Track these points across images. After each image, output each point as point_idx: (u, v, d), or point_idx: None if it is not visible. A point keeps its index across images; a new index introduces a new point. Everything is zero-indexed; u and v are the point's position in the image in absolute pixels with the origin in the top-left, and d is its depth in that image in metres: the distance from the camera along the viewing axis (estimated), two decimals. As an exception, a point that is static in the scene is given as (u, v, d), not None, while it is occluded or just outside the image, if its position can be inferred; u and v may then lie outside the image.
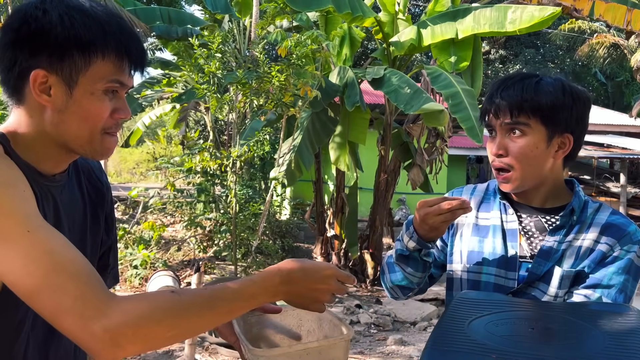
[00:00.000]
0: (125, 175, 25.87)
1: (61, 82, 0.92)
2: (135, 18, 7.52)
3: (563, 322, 1.13)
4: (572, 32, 18.61)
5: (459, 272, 1.44)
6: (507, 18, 5.77)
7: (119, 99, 0.97)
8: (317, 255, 7.87)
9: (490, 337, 1.07)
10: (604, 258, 1.29)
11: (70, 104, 0.93)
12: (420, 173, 7.26)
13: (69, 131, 0.95)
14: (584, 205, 1.36)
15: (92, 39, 0.92)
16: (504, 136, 1.31)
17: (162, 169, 10.64)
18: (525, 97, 1.27)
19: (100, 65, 0.93)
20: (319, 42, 5.73)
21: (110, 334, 0.79)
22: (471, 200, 1.47)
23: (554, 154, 1.31)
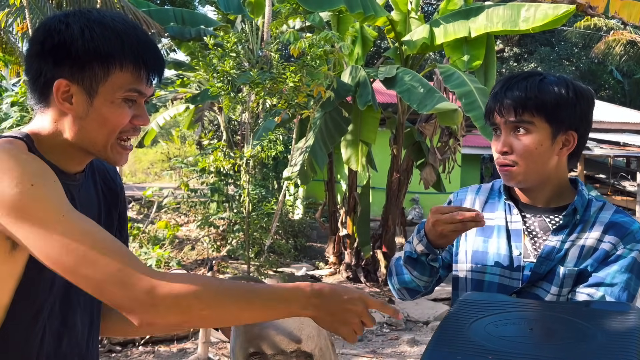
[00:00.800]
0: (140, 175, 26.08)
1: (82, 91, 0.99)
2: (149, 19, 7.59)
3: (562, 322, 1.14)
4: (588, 29, 18.37)
5: (464, 272, 1.45)
6: (521, 16, 5.72)
7: (138, 106, 1.03)
8: (330, 254, 7.88)
9: (489, 338, 1.09)
10: (607, 257, 1.29)
11: (91, 112, 1.00)
12: (433, 172, 7.23)
13: (88, 137, 1.01)
14: (588, 204, 1.36)
15: (110, 51, 0.98)
16: (508, 134, 1.32)
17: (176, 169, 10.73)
18: (529, 95, 1.28)
19: (118, 75, 0.99)
20: (332, 43, 5.74)
21: (152, 299, 0.87)
22: (476, 200, 1.49)
23: (558, 152, 1.32)
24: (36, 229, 0.88)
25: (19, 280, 0.96)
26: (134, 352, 4.65)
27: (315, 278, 7.38)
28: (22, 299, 0.97)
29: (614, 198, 10.82)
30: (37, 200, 0.89)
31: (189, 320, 0.92)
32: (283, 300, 0.95)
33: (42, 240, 0.88)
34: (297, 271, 7.29)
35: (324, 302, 0.96)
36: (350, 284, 7.25)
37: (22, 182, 0.88)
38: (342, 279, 7.45)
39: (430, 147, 7.29)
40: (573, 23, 18.51)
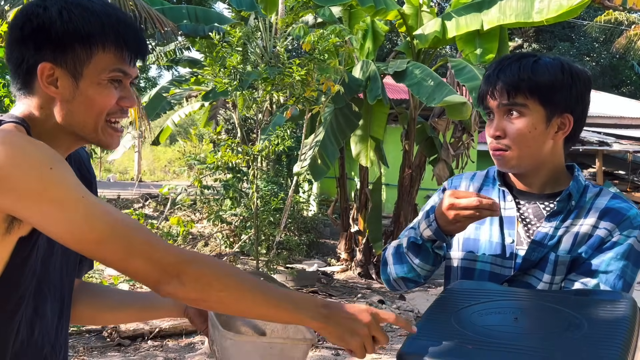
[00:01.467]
0: (159, 173, 26.39)
1: (67, 74, 0.98)
2: (163, 17, 7.64)
3: (549, 311, 1.12)
4: (609, 23, 18.03)
5: (456, 260, 1.41)
6: (534, 8, 5.62)
7: (124, 87, 1.02)
8: (341, 251, 7.85)
9: (473, 327, 1.07)
10: (602, 243, 1.24)
11: (77, 95, 0.98)
12: (446, 168, 7.16)
13: (76, 120, 1.00)
14: (584, 190, 1.31)
15: (90, 31, 0.97)
16: (501, 118, 1.27)
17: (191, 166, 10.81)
18: (522, 77, 1.23)
19: (101, 56, 0.98)
20: (342, 37, 5.71)
21: (177, 270, 0.92)
22: (470, 187, 1.44)
23: (553, 135, 1.27)
24: (59, 210, 0.89)
25: (4, 266, 0.95)
26: (143, 345, 4.68)
27: (327, 275, 7.36)
28: (7, 286, 0.97)
29: (634, 194, 10.59)
30: (57, 183, 0.90)
31: (207, 298, 0.95)
32: (295, 303, 0.98)
33: (65, 220, 0.90)
34: (309, 267, 7.28)
35: (332, 312, 0.98)
36: (361, 280, 7.22)
37: (41, 165, 0.89)
38: (354, 275, 7.42)
39: (443, 143, 7.22)
40: (593, 17, 18.20)
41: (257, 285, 0.97)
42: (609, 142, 10.68)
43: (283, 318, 1.01)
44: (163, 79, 23.01)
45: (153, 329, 4.79)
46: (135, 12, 7.32)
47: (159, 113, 10.32)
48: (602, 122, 12.74)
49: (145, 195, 12.92)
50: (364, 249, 7.33)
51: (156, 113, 10.04)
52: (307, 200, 10.36)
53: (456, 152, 7.20)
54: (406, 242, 1.35)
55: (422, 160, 7.38)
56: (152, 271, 0.92)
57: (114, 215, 0.93)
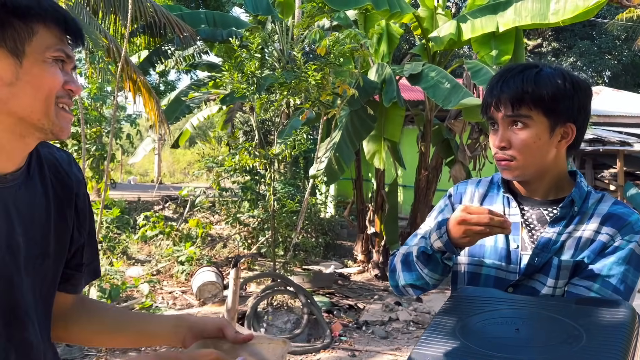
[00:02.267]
0: (178, 175, 26.68)
1: (7, 53, 0.88)
2: (182, 22, 7.77)
3: (550, 321, 1.14)
4: (630, 21, 17.74)
5: (462, 265, 1.44)
6: (550, 9, 5.60)
7: (66, 72, 0.94)
8: (358, 252, 7.89)
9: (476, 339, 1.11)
10: (604, 248, 1.27)
11: (22, 75, 0.88)
12: (463, 170, 7.16)
13: (23, 104, 0.89)
14: (586, 196, 1.34)
15: (28, 5, 0.89)
16: (506, 128, 1.30)
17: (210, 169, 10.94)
18: (525, 89, 1.26)
19: (43, 33, 0.90)
20: (357, 41, 5.75)
21: None
22: (475, 193, 1.47)
23: (556, 144, 1.30)
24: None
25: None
26: (163, 345, 4.78)
27: (344, 276, 7.40)
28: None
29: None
30: None
31: None
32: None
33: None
34: (326, 269, 7.33)
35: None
36: (378, 281, 7.25)
37: None
38: (370, 276, 7.45)
39: (459, 145, 7.22)
40: (614, 15, 17.92)
41: None
42: (630, 142, 10.52)
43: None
44: (181, 82, 23.26)
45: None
46: (155, 17, 7.47)
47: (178, 116, 10.47)
48: (623, 121, 12.54)
49: (165, 197, 13.09)
50: (381, 251, 7.35)
51: (175, 116, 10.20)
52: (324, 202, 10.41)
53: (473, 154, 7.19)
54: (416, 251, 1.36)
55: (439, 162, 7.39)
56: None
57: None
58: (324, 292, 6.34)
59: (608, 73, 20.84)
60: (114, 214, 7.47)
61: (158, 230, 7.89)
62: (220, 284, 6.12)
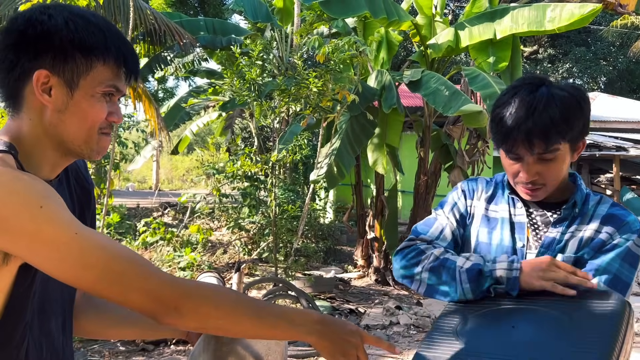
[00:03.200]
0: (176, 182, 26.67)
1: (62, 83, 0.96)
2: (181, 29, 7.84)
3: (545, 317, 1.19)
4: (625, 28, 17.92)
5: None
6: (546, 17, 5.69)
7: (113, 103, 1.02)
8: (358, 257, 7.94)
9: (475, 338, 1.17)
10: (603, 245, 1.34)
11: (71, 105, 0.97)
12: (461, 175, 7.22)
13: (67, 131, 0.98)
14: (586, 198, 1.42)
15: (94, 44, 0.97)
16: (535, 162, 1.33)
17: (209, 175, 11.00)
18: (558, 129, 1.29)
19: (100, 69, 0.98)
20: (356, 48, 5.83)
21: (175, 303, 0.93)
22: (483, 193, 1.51)
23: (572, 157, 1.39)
24: (52, 251, 0.88)
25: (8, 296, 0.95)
26: (166, 350, 4.82)
27: (344, 281, 7.45)
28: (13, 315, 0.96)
29: (652, 200, 10.52)
30: (48, 222, 0.88)
31: (205, 327, 0.99)
32: (291, 321, 1.01)
33: (59, 260, 0.89)
34: (326, 274, 7.38)
35: (326, 329, 1.01)
36: (378, 286, 7.29)
37: (31, 204, 0.87)
38: (371, 282, 7.50)
39: (458, 150, 7.29)
40: (609, 22, 18.10)
41: (254, 309, 1.00)
42: (626, 147, 10.63)
43: (281, 336, 1.05)
44: (180, 89, 23.32)
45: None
46: (155, 25, 7.54)
47: (177, 123, 10.54)
48: (619, 127, 12.66)
49: (164, 204, 13.11)
50: (381, 256, 7.41)
51: (175, 123, 10.26)
52: (323, 207, 10.47)
53: (471, 159, 7.26)
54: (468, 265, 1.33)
55: (438, 167, 7.45)
56: (150, 304, 0.93)
57: (108, 249, 0.92)
58: (325, 296, 6.38)
59: (603, 79, 21.00)
60: (114, 220, 7.51)
61: (158, 237, 7.93)
62: (222, 289, 6.15)
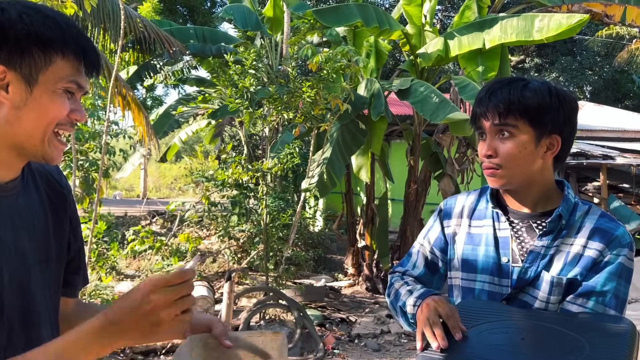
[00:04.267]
0: (164, 190, 26.49)
1: (20, 79, 0.92)
2: (171, 37, 7.82)
3: (552, 333, 1.17)
4: (610, 38, 18.19)
5: (456, 279, 1.48)
6: (535, 27, 5.76)
7: (75, 101, 0.98)
8: (349, 266, 7.92)
9: (482, 346, 1.13)
10: (595, 264, 1.30)
11: (30, 101, 0.92)
12: (451, 183, 7.25)
13: (24, 129, 0.94)
14: (573, 208, 1.38)
15: (51, 37, 0.92)
16: (493, 138, 1.35)
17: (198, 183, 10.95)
18: (512, 100, 1.31)
19: (60, 64, 0.94)
20: (349, 57, 5.85)
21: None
22: (464, 207, 1.51)
23: (542, 155, 1.35)
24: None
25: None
26: (156, 361, 4.77)
27: (335, 290, 7.43)
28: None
29: (638, 207, 10.64)
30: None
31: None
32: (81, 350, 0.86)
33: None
34: (317, 282, 7.35)
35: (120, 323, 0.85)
36: (369, 294, 7.28)
37: None
38: (361, 290, 7.48)
39: (447, 158, 7.33)
40: (595, 32, 18.36)
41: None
42: (612, 155, 10.75)
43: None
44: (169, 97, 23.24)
45: (165, 345, 4.87)
46: (145, 33, 7.52)
47: (166, 131, 10.48)
48: (605, 135, 12.81)
49: (152, 212, 13.02)
50: (371, 264, 7.40)
51: (164, 131, 10.21)
52: (313, 215, 10.45)
53: (461, 167, 7.30)
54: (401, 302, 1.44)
55: (428, 175, 7.48)
56: None
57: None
58: (315, 305, 6.35)
59: (589, 88, 21.27)
60: (101, 228, 7.43)
61: (147, 245, 7.86)
62: (212, 298, 6.10)
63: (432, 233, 1.56)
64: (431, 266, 1.55)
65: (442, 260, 1.53)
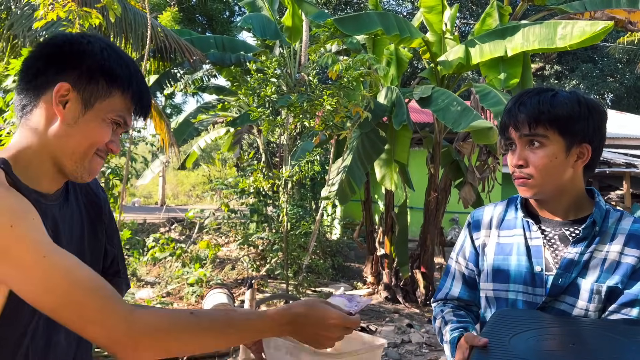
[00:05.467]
0: (182, 197, 26.72)
1: (79, 100, 1.04)
2: (191, 46, 7.91)
3: (602, 338, 1.15)
4: (632, 45, 17.95)
5: (488, 290, 1.47)
6: (557, 34, 5.70)
7: (116, 133, 1.10)
8: (368, 274, 7.88)
9: (531, 352, 1.10)
10: (634, 271, 1.29)
11: (80, 122, 1.04)
12: (472, 191, 7.18)
13: (68, 145, 1.04)
14: (606, 215, 1.37)
15: (120, 75, 1.06)
16: (523, 148, 1.35)
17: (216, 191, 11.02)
18: (542, 110, 1.32)
19: (117, 99, 1.07)
20: (368, 65, 5.85)
21: (132, 341, 0.93)
22: (493, 218, 1.51)
23: (573, 164, 1.34)
24: (17, 270, 0.90)
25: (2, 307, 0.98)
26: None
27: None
28: (6, 324, 0.99)
29: (664, 217, 10.44)
30: (17, 242, 0.89)
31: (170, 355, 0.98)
32: (256, 330, 1.03)
33: (23, 281, 0.90)
34: (336, 291, 7.31)
35: (297, 329, 1.04)
36: (388, 304, 7.22)
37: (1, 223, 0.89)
38: (381, 299, 7.43)
39: (468, 166, 7.26)
40: (616, 39, 18.14)
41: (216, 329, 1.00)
42: (636, 163, 10.58)
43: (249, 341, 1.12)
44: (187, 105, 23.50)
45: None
46: (166, 42, 7.61)
47: (186, 139, 10.59)
48: (628, 143, 12.62)
49: (171, 219, 13.11)
50: (391, 273, 7.35)
51: (183, 139, 10.31)
52: (331, 223, 10.44)
53: (482, 175, 7.22)
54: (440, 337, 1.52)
55: (448, 184, 7.42)
56: (107, 342, 0.92)
57: (72, 276, 0.92)
58: (335, 314, 6.31)
59: (611, 96, 20.99)
60: (125, 235, 7.50)
61: (167, 253, 7.91)
62: (232, 305, 6.11)
63: (465, 248, 1.56)
64: (470, 283, 1.55)
65: (478, 274, 1.52)
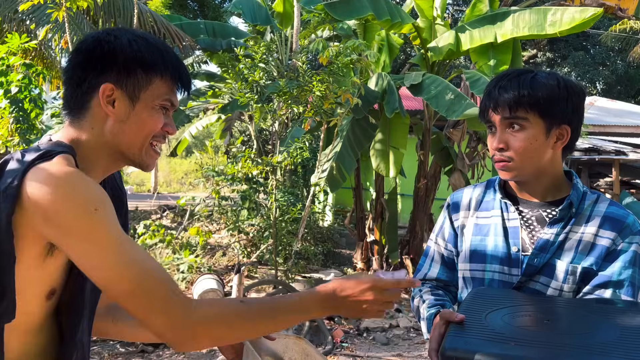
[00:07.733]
0: (175, 185, 26.63)
1: (125, 96, 1.08)
2: (181, 32, 7.84)
3: (575, 315, 1.17)
4: (624, 32, 17.97)
5: (465, 270, 1.48)
6: (547, 20, 5.70)
7: (168, 116, 1.14)
8: (358, 260, 7.91)
9: (507, 327, 1.12)
10: (608, 253, 1.31)
11: (132, 116, 1.09)
12: (462, 178, 7.21)
13: (126, 139, 1.09)
14: (583, 197, 1.38)
15: (154, 61, 1.09)
16: (503, 131, 1.35)
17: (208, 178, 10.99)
18: (522, 92, 1.32)
19: (158, 84, 1.10)
20: (359, 51, 5.82)
21: (191, 331, 0.99)
22: (471, 200, 1.52)
23: (552, 145, 1.35)
24: (96, 253, 0.96)
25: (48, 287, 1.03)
26: (165, 352, 4.80)
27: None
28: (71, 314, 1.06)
29: (652, 204, 10.52)
30: (100, 225, 0.96)
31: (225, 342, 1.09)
32: (302, 311, 1.08)
33: (99, 264, 0.96)
34: (326, 277, 7.35)
35: (338, 303, 1.08)
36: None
37: (87, 206, 0.95)
38: (371, 285, 7.48)
39: (458, 153, 7.28)
40: (608, 27, 18.15)
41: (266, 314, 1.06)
42: (625, 151, 10.64)
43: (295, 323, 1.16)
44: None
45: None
46: (155, 27, 7.54)
47: (177, 125, 10.52)
48: (618, 131, 12.69)
49: (162, 206, 13.08)
50: (381, 259, 7.39)
51: (175, 125, 10.27)
52: (322, 210, 10.45)
53: (472, 162, 7.26)
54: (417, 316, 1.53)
55: (438, 170, 7.44)
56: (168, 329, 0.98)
57: (144, 265, 0.98)
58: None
59: (602, 83, 21.05)
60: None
61: (158, 239, 7.90)
62: (222, 291, 6.12)
63: (444, 230, 1.57)
64: (449, 264, 1.56)
65: (457, 255, 1.54)
